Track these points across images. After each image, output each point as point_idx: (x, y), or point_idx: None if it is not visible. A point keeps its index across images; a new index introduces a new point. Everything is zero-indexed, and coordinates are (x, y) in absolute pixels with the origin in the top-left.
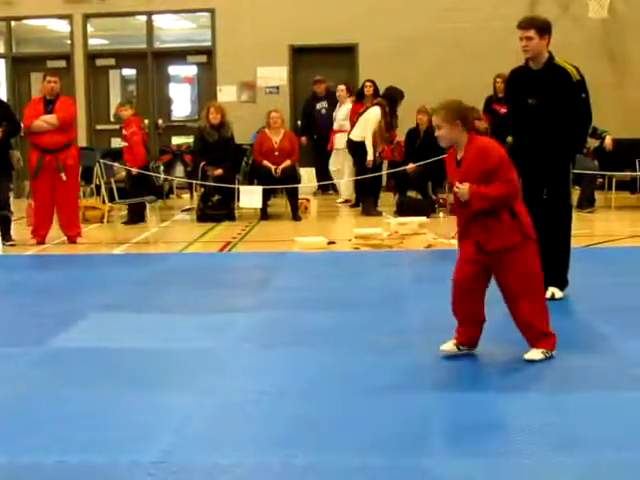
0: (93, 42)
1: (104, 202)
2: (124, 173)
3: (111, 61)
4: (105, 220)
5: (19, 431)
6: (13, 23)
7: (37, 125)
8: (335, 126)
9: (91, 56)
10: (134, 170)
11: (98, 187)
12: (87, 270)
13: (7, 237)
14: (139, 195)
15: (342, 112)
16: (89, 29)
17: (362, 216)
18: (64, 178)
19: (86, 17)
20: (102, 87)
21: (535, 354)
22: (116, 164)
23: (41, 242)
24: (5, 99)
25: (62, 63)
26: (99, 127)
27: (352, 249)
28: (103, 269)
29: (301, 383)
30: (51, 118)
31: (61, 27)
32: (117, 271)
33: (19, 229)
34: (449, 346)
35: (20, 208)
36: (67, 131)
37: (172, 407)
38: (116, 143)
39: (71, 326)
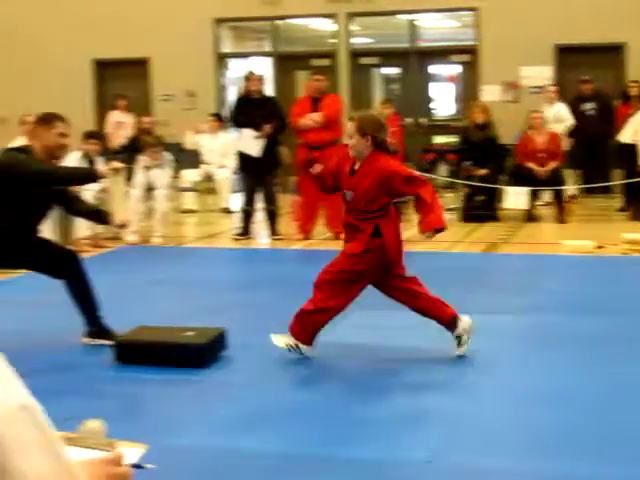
0: (356, 41)
1: None
2: None
3: (374, 60)
4: None
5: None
6: (279, 22)
7: (303, 123)
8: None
9: (354, 54)
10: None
11: None
12: None
13: (274, 231)
14: None
15: (552, 112)
16: (353, 28)
17: (631, 221)
18: None
19: (350, 16)
20: (365, 85)
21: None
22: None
23: (307, 237)
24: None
25: (326, 62)
26: None
27: (621, 254)
28: None
29: (571, 389)
30: (317, 116)
31: (325, 26)
32: None
33: (286, 224)
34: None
35: (287, 203)
36: (332, 128)
37: (439, 407)
38: None
39: (336, 322)
